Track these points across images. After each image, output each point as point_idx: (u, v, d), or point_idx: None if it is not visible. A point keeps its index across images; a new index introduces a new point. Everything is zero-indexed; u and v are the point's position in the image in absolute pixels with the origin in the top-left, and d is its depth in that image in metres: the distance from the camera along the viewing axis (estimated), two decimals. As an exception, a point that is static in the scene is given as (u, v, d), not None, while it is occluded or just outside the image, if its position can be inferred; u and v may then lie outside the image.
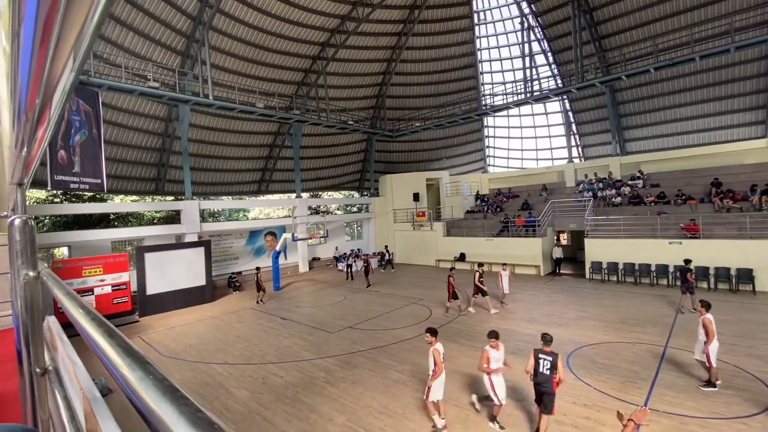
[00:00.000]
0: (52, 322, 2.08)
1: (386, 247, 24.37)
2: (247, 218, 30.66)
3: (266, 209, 32.19)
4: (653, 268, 15.29)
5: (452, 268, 13.21)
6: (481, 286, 12.57)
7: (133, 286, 15.11)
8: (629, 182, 20.19)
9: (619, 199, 19.36)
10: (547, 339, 5.77)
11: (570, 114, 25.81)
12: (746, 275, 13.34)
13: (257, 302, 15.71)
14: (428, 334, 6.36)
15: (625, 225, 16.80)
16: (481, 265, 13.36)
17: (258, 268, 16.47)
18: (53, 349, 1.73)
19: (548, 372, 5.51)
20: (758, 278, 13.18)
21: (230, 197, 25.33)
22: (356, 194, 31.85)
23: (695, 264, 14.36)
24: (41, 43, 0.42)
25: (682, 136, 22.29)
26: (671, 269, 14.87)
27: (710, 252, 14.18)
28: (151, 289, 14.94)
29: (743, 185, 16.29)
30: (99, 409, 1.00)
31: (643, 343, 9.13)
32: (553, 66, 25.21)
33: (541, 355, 5.65)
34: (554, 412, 5.57)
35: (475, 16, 26.86)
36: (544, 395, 5.52)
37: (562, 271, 18.73)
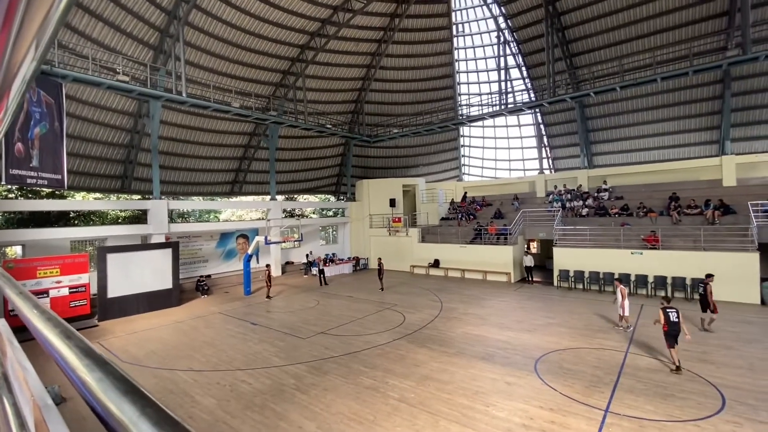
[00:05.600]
0: (2, 325, 1.95)
1: (379, 259, 19.86)
2: (219, 220, 29.86)
3: (239, 211, 31.45)
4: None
5: (710, 275, 11.02)
6: (712, 300, 10.58)
7: (93, 289, 14.36)
8: (596, 194, 21.08)
9: (586, 210, 20.15)
10: (668, 299, 8.86)
11: (542, 127, 26.74)
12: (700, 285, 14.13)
13: (267, 296, 17.03)
14: None
15: (591, 235, 17.49)
16: (709, 276, 11.09)
17: (268, 265, 18.07)
18: (2, 354, 1.62)
19: (677, 319, 8.20)
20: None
21: (201, 198, 24.61)
22: (332, 198, 31.65)
23: (654, 273, 15.13)
24: (2, 29, 0.40)
25: (645, 152, 23.55)
26: (633, 278, 15.59)
27: (668, 262, 14.96)
28: (113, 291, 14.24)
29: (698, 200, 17.32)
30: (51, 417, 0.94)
31: (606, 349, 9.50)
32: (527, 80, 26.09)
33: (669, 310, 8.32)
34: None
35: (454, 27, 27.48)
36: (677, 335, 8.16)
37: (533, 279, 19.18)
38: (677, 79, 18.81)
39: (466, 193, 27.56)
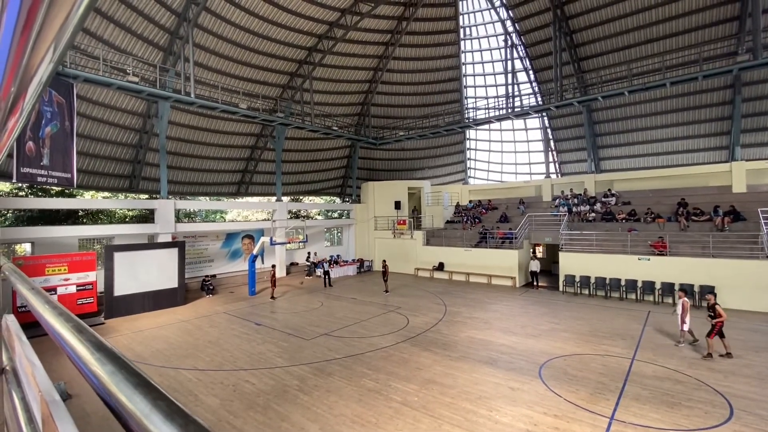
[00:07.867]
0: (10, 321, 1.98)
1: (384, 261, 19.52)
2: (225, 220, 30.03)
3: (244, 212, 31.59)
4: (623, 283, 15.80)
5: None
6: None
7: (101, 287, 14.50)
8: (602, 199, 20.91)
9: (592, 215, 19.99)
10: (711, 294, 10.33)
11: (548, 131, 26.59)
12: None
13: (271, 297, 17.06)
14: None
15: (597, 240, 17.34)
16: None
17: (273, 266, 18.44)
18: (11, 349, 1.65)
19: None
20: (719, 295, 13.80)
21: (208, 198, 24.78)
22: (338, 200, 31.72)
23: (662, 280, 14.95)
24: (23, 31, 0.41)
25: (653, 157, 23.33)
26: (639, 284, 15.42)
27: (676, 269, 14.78)
28: (120, 290, 14.37)
29: (707, 206, 17.12)
30: (58, 412, 0.96)
31: (612, 356, 9.40)
32: (534, 83, 25.98)
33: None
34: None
35: (462, 31, 27.49)
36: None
37: (539, 285, 18.96)
38: (687, 83, 18.61)
39: (470, 202, 27.53)
